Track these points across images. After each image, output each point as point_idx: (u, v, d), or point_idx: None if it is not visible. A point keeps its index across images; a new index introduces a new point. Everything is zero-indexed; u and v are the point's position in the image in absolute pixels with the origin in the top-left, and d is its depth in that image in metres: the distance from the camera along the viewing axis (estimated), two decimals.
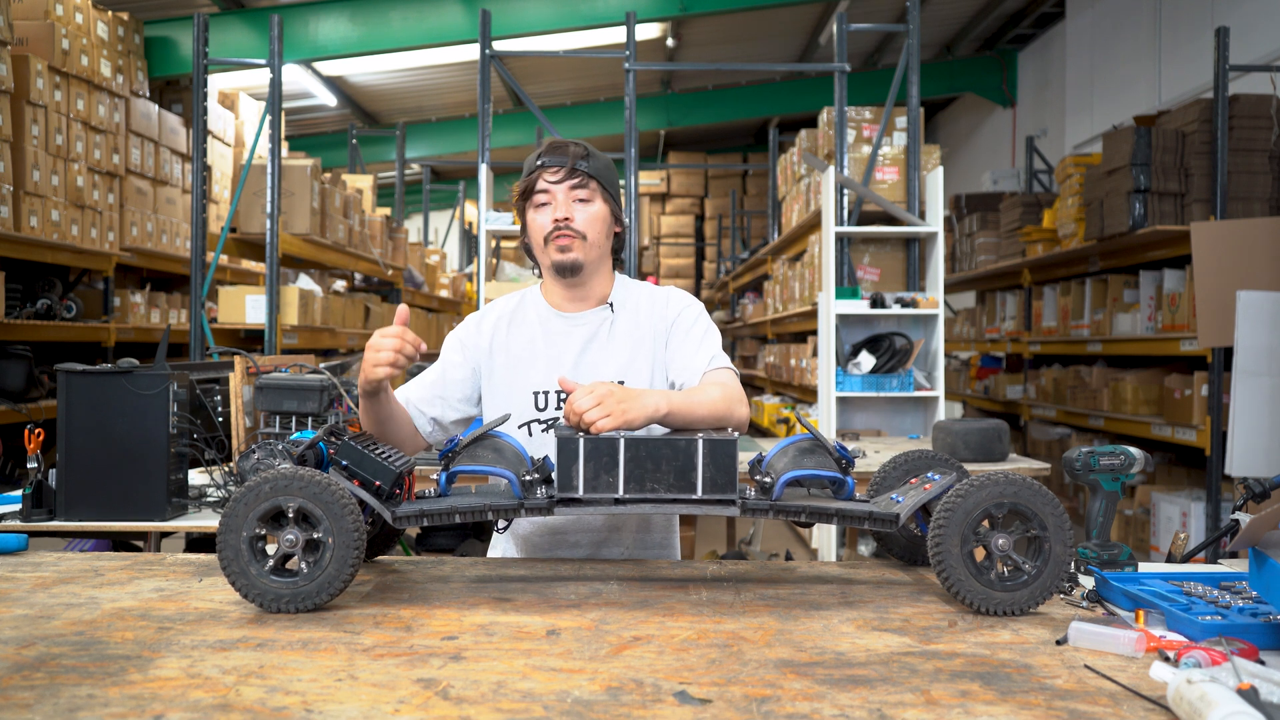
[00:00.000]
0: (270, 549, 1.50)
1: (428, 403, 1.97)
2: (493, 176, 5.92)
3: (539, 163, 1.91)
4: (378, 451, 1.61)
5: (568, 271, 1.93)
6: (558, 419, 1.93)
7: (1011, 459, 3.81)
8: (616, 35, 9.21)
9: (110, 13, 6.19)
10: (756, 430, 8.12)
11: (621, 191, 2.02)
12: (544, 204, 1.91)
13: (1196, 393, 5.06)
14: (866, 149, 5.63)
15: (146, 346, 6.48)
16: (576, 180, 1.89)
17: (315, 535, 1.46)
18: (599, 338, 1.97)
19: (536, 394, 1.94)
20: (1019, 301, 7.86)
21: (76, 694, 1.14)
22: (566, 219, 1.89)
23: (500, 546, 2.07)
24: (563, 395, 1.93)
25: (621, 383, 1.92)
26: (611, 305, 2.00)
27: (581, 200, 1.90)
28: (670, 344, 1.98)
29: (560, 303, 2.00)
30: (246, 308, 5.68)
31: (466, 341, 2.00)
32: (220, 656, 1.27)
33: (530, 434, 1.94)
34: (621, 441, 1.55)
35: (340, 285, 8.57)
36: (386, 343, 1.70)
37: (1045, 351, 7.16)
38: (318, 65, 9.92)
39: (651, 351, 1.97)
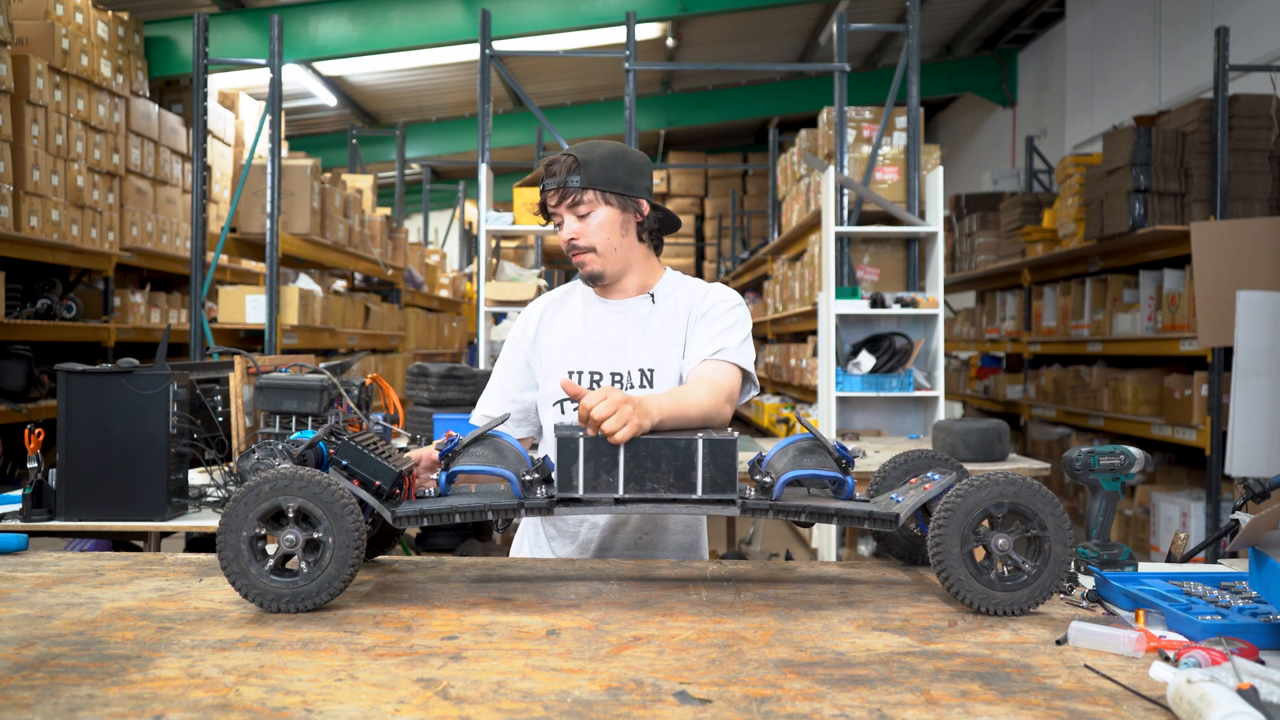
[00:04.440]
0: (270, 549, 1.50)
1: (522, 389, 2.07)
2: (493, 176, 5.93)
3: (542, 186, 1.99)
4: (378, 451, 1.61)
5: (592, 281, 2.03)
6: None
7: (1011, 459, 3.81)
8: (616, 35, 9.21)
9: (110, 13, 6.19)
10: (757, 430, 8.12)
11: (643, 171, 2.01)
12: (558, 223, 2.00)
13: (1196, 393, 5.06)
14: (866, 149, 5.63)
15: (146, 346, 6.47)
16: (571, 198, 1.94)
17: (315, 535, 1.46)
18: (636, 325, 2.02)
19: (570, 373, 2.00)
20: (1019, 301, 7.86)
21: (76, 694, 1.14)
22: (573, 239, 1.97)
23: (528, 546, 2.09)
24: (596, 375, 1.99)
25: (651, 370, 1.97)
26: (653, 296, 2.04)
27: (581, 216, 1.96)
28: (691, 334, 2.00)
29: (603, 291, 2.07)
30: (246, 308, 5.68)
31: (520, 336, 2.11)
32: (220, 656, 1.27)
33: (563, 411, 1.99)
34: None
35: (340, 285, 8.57)
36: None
37: (1045, 351, 7.15)
38: (318, 65, 9.92)
39: (683, 343, 2.01)
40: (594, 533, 2.00)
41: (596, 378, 1.98)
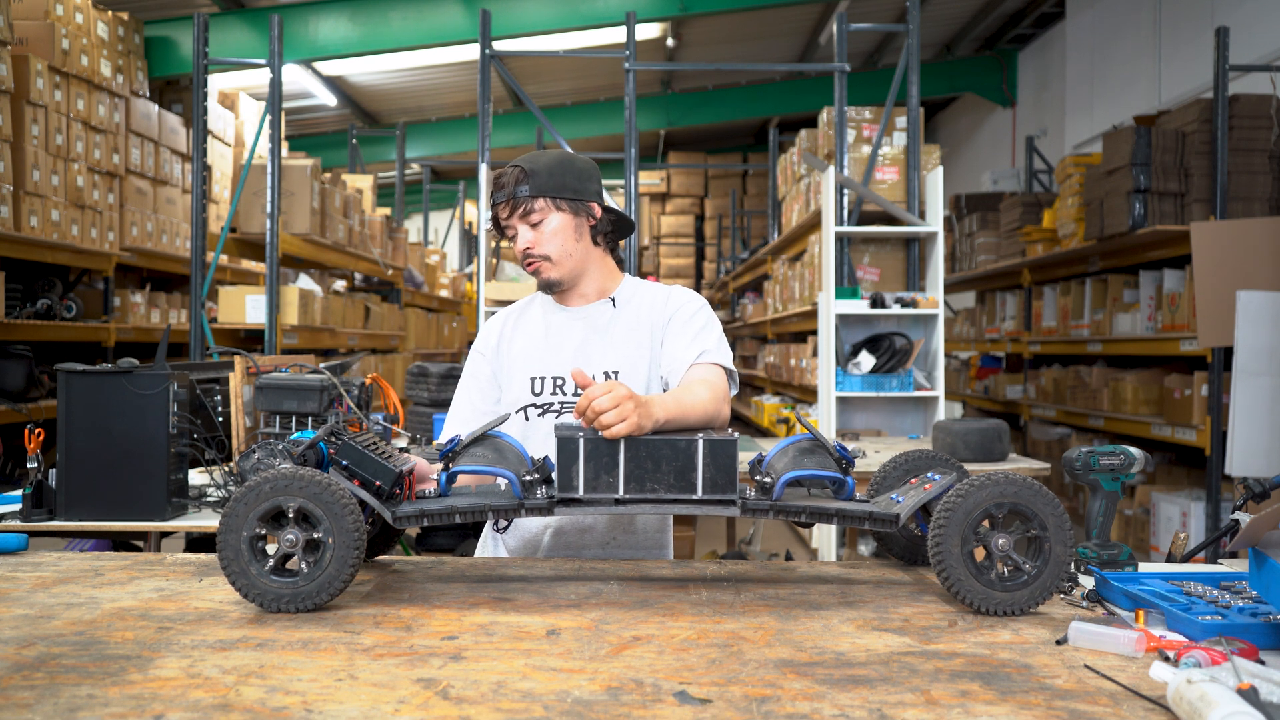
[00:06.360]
0: (270, 549, 1.50)
1: (495, 401, 2.06)
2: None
3: (492, 200, 2.01)
4: (378, 451, 1.61)
5: (549, 288, 2.03)
6: (553, 404, 1.97)
7: (1011, 459, 3.81)
8: (616, 35, 9.21)
9: (110, 13, 6.19)
10: (757, 430, 8.12)
11: (590, 176, 2.02)
12: (512, 236, 2.01)
13: (1196, 393, 5.06)
14: (866, 149, 5.63)
15: (146, 346, 6.47)
16: (523, 208, 1.96)
17: (315, 535, 1.46)
18: (598, 330, 2.02)
19: (534, 379, 2.00)
20: (1019, 301, 7.86)
21: (76, 694, 1.14)
22: (528, 248, 1.98)
23: (490, 546, 2.07)
24: (559, 380, 1.98)
25: (616, 373, 1.97)
26: (614, 301, 2.04)
27: (534, 224, 1.97)
28: (666, 339, 2.00)
29: (562, 298, 2.07)
30: (246, 308, 5.67)
31: (483, 349, 2.10)
32: (220, 656, 1.27)
33: (527, 418, 1.98)
34: (622, 442, 1.55)
35: (340, 285, 8.57)
36: None
37: (1045, 351, 7.15)
38: (318, 65, 9.92)
39: (650, 347, 2.00)
40: (544, 535, 2.00)
41: (560, 383, 1.98)
